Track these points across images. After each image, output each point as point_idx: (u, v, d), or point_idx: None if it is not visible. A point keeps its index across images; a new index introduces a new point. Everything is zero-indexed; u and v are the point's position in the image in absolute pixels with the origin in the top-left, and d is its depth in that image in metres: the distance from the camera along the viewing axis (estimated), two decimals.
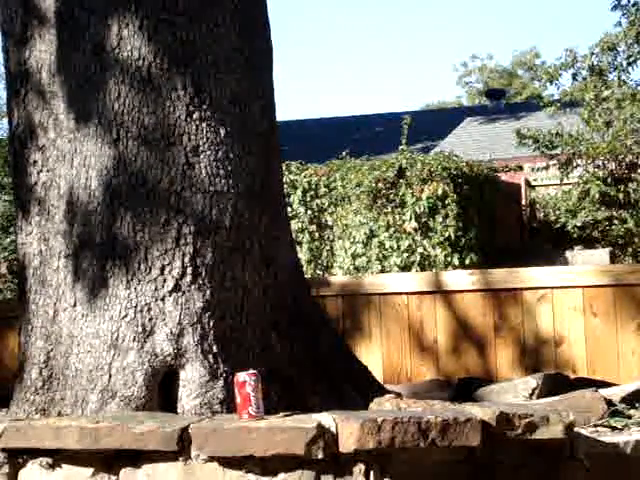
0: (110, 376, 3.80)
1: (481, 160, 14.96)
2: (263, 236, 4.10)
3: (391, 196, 12.11)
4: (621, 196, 13.38)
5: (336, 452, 3.09)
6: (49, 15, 4.19)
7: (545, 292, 5.56)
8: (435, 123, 22.79)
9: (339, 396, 4.07)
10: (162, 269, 3.86)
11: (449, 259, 11.75)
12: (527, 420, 3.21)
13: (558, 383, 4.82)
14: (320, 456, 3.08)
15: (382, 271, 11.64)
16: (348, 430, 3.06)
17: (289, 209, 11.46)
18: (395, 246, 11.88)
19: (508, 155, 18.04)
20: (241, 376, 3.37)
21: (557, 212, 14.31)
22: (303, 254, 12.27)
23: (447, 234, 11.77)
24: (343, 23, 79.68)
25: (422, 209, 11.88)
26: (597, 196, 13.40)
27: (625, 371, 5.33)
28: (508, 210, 14.50)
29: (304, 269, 9.51)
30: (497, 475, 3.25)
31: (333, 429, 3.10)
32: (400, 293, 5.89)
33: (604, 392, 4.32)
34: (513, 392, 4.74)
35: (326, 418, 3.16)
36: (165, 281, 3.85)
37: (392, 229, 11.95)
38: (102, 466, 3.33)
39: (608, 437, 3.70)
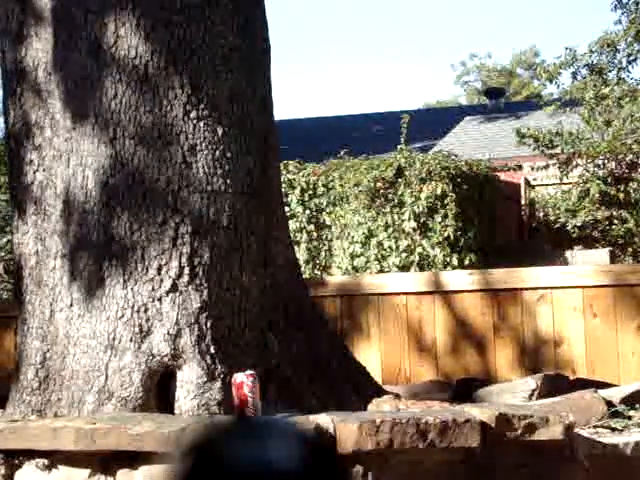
0: (107, 377, 3.78)
1: (480, 159, 14.94)
2: (261, 236, 4.07)
3: (390, 196, 12.09)
4: (621, 196, 13.36)
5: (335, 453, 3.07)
6: (46, 14, 4.17)
7: (545, 292, 5.53)
8: (434, 122, 22.78)
9: (337, 397, 4.05)
10: (159, 269, 3.84)
11: (448, 259, 11.73)
12: (527, 421, 3.20)
13: (558, 384, 4.80)
14: None
15: (381, 271, 11.62)
16: (346, 431, 3.05)
17: (287, 209, 11.44)
18: (394, 246, 11.87)
19: (507, 154, 18.03)
20: (239, 377, 3.35)
21: (557, 212, 14.29)
22: (301, 254, 12.25)
23: (446, 234, 11.75)
24: (341, 22, 79.67)
25: (421, 209, 11.86)
26: (597, 196, 13.38)
27: (625, 372, 5.30)
28: (507, 210, 14.48)
29: (302, 269, 9.49)
30: (497, 476, 3.23)
31: (331, 430, 3.08)
32: (399, 293, 5.87)
33: (604, 393, 4.30)
34: (512, 393, 4.72)
35: (324, 419, 3.14)
36: (162, 281, 3.83)
37: (391, 229, 11.94)
38: (99, 467, 3.31)
39: (608, 438, 3.68)
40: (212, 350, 3.80)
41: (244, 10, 4.21)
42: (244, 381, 3.32)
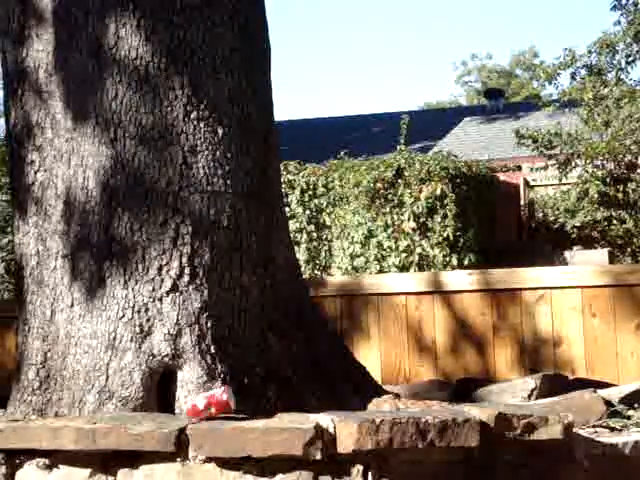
0: (107, 377, 3.79)
1: (480, 160, 14.97)
2: (261, 236, 4.08)
3: (389, 196, 12.10)
4: (620, 196, 13.38)
5: (334, 453, 3.07)
6: (46, 14, 4.18)
7: (544, 292, 5.55)
8: (434, 123, 22.81)
9: (337, 397, 4.05)
10: (160, 269, 3.85)
11: (448, 259, 11.75)
12: (526, 421, 3.20)
13: (557, 384, 4.80)
14: (318, 457, 3.06)
15: (380, 271, 11.63)
16: (346, 431, 3.05)
17: (287, 209, 11.45)
18: (393, 246, 11.88)
19: (507, 155, 18.06)
20: (189, 404, 3.33)
21: (556, 212, 14.31)
22: (301, 254, 12.27)
23: (446, 234, 11.77)
24: (341, 23, 79.69)
25: (420, 209, 11.88)
26: (596, 196, 13.40)
27: (624, 372, 5.31)
28: (507, 210, 14.50)
29: (302, 269, 9.50)
30: (496, 476, 3.24)
31: (331, 430, 3.09)
32: (399, 293, 5.87)
33: (603, 393, 4.31)
34: (512, 392, 4.73)
35: (324, 419, 3.14)
36: (163, 281, 3.84)
37: (390, 229, 11.95)
38: (99, 467, 3.32)
39: (607, 438, 3.69)
40: (212, 350, 3.81)
41: (244, 10, 4.22)
42: (196, 403, 3.29)
